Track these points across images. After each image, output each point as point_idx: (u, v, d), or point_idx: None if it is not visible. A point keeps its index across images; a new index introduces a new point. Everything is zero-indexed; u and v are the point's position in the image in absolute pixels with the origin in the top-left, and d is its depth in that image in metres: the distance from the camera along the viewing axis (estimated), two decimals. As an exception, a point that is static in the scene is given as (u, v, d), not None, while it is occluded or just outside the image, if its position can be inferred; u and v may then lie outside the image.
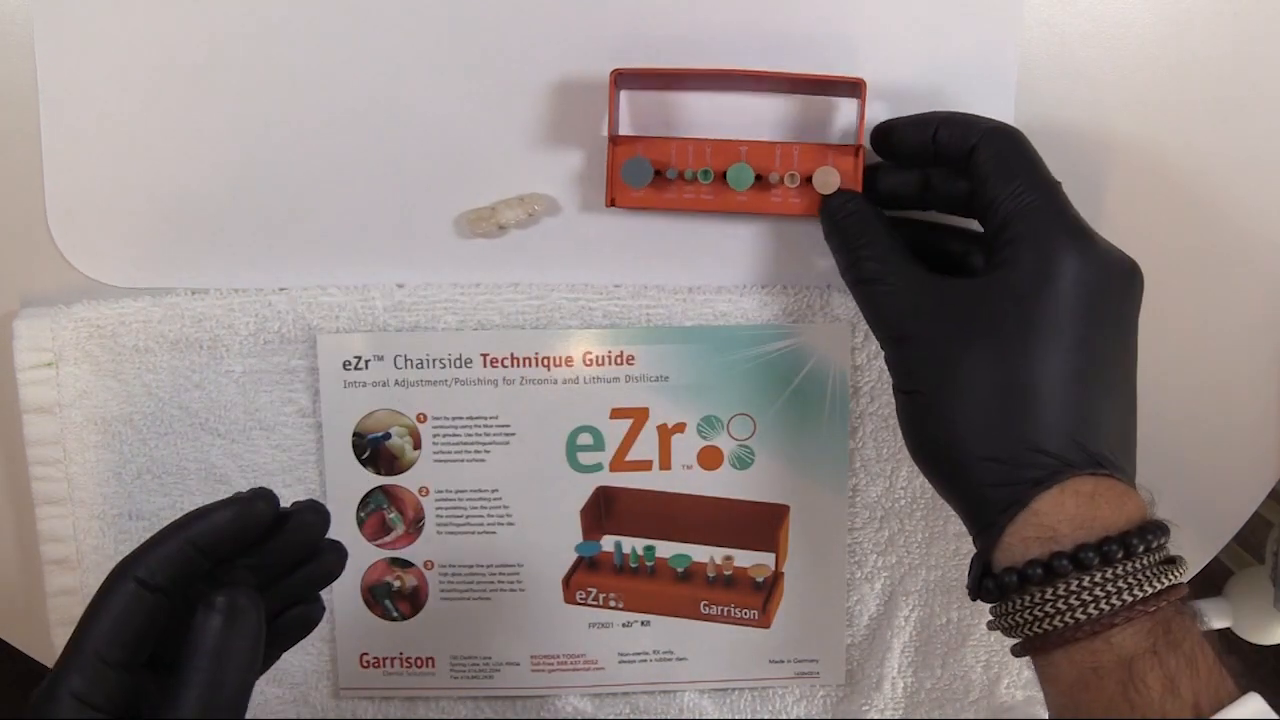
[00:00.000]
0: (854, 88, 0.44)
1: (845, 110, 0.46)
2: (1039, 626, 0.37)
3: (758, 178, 0.44)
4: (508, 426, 0.48)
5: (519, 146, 0.46)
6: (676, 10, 0.45)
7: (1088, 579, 0.36)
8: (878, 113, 0.45)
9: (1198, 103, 0.47)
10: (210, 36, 0.44)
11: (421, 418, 0.48)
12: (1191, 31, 0.46)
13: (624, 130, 0.46)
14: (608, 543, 0.50)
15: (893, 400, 0.42)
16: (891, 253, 0.42)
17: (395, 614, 0.50)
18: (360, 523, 0.49)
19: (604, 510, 0.49)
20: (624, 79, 0.44)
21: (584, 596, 0.50)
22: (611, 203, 0.45)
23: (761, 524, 0.50)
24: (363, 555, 0.49)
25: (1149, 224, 0.48)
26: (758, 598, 0.50)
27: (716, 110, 0.46)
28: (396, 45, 0.45)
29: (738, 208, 0.45)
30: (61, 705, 0.31)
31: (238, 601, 0.32)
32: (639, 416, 0.48)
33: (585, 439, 0.49)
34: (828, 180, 0.44)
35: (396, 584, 0.50)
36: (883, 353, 0.42)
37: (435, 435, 0.48)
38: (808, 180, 0.44)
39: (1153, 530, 0.37)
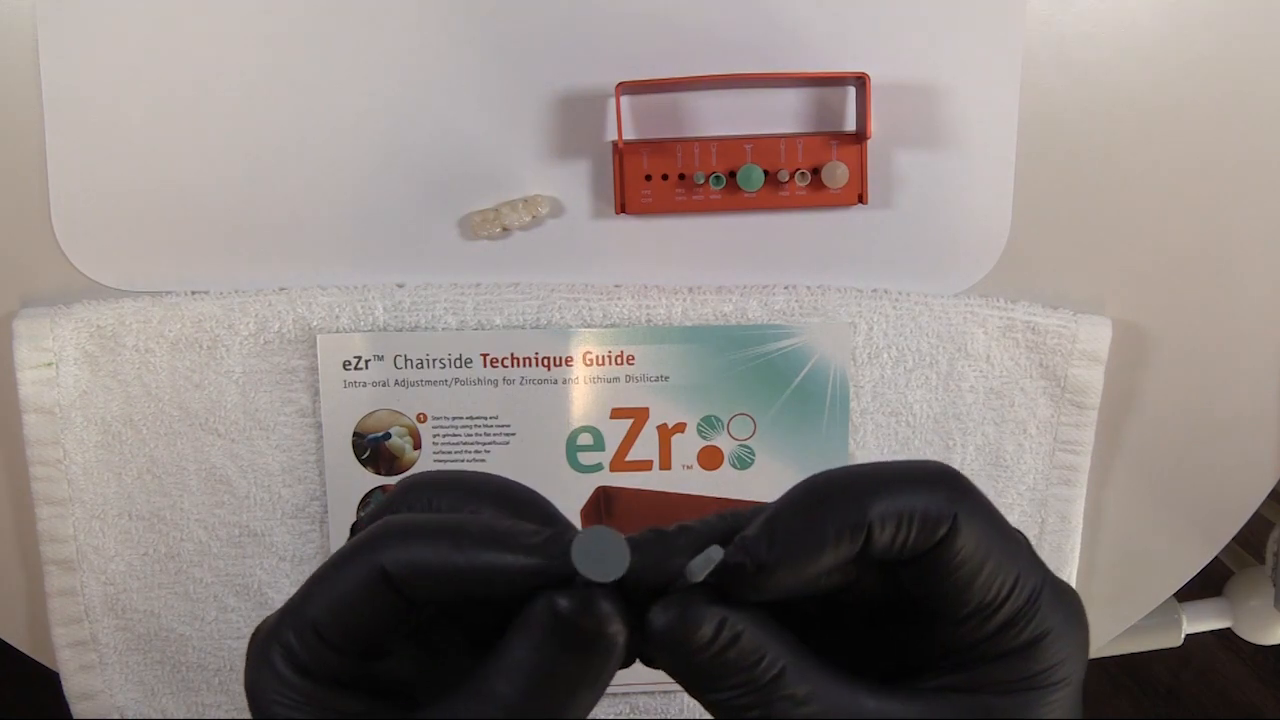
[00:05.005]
0: (858, 82, 0.44)
1: (847, 97, 0.46)
2: None
3: (767, 176, 0.45)
4: (508, 426, 0.48)
5: (523, 149, 0.46)
6: (681, 12, 0.45)
7: None
8: (881, 109, 0.45)
9: (1198, 103, 0.47)
10: (214, 38, 0.44)
11: (421, 418, 0.48)
12: (1191, 32, 0.46)
13: (628, 132, 0.46)
14: (608, 543, 0.50)
15: (894, 399, 0.41)
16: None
17: (395, 614, 0.50)
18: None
19: (604, 510, 0.49)
20: (628, 89, 0.44)
21: (584, 596, 0.50)
22: (622, 209, 0.45)
23: (761, 524, 0.50)
24: (363, 555, 0.49)
25: (1149, 224, 0.48)
26: (758, 598, 0.50)
27: (719, 105, 0.46)
28: (402, 50, 0.45)
29: (749, 205, 0.45)
30: (273, 659, 0.25)
31: (601, 608, 0.24)
32: (639, 416, 0.48)
33: (585, 439, 0.49)
34: (836, 175, 0.45)
35: (396, 584, 0.50)
36: (883, 352, 0.41)
37: (435, 435, 0.48)
38: (816, 173, 0.45)
39: None
